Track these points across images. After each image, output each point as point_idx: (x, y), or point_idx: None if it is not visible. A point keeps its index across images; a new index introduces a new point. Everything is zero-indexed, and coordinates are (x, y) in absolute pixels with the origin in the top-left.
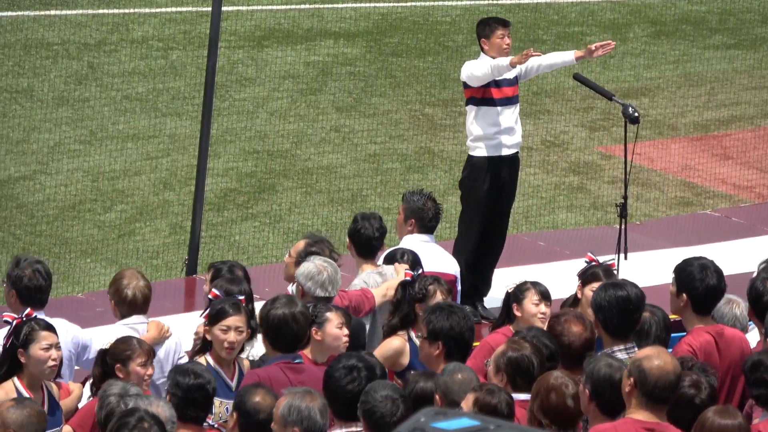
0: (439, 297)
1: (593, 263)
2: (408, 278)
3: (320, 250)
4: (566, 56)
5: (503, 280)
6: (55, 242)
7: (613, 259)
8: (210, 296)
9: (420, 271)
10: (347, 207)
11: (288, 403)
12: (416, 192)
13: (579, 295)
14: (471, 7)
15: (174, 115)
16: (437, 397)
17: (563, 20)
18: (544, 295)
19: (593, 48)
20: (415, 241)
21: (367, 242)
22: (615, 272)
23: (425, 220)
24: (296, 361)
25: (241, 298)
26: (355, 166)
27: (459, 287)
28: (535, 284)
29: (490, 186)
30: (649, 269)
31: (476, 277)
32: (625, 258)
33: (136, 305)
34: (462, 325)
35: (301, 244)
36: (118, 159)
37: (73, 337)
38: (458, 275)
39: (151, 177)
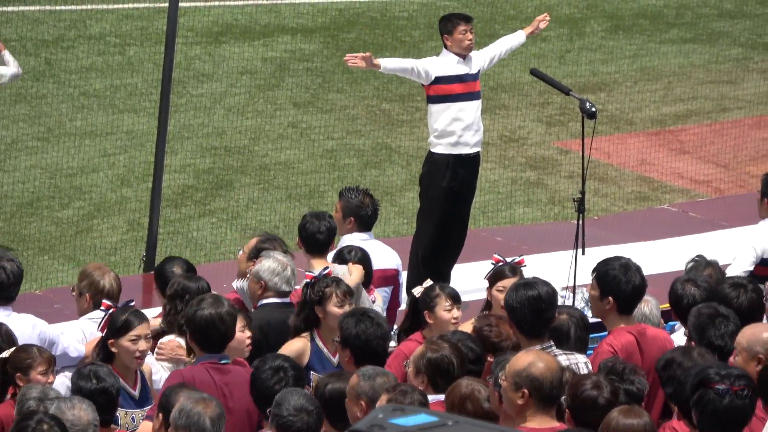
0: (334, 300)
1: (499, 264)
2: (308, 280)
3: (272, 247)
4: (518, 37)
5: (461, 275)
6: (13, 239)
7: (522, 257)
8: (103, 307)
9: (326, 271)
10: (305, 203)
11: (179, 407)
12: (353, 189)
13: (489, 297)
14: (428, 3)
15: (131, 111)
16: (362, 403)
17: (520, 15)
18: (455, 299)
19: (540, 21)
20: (354, 241)
21: (311, 237)
22: (523, 269)
23: (363, 217)
24: (222, 361)
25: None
26: (313, 162)
27: (402, 281)
28: (443, 288)
29: (450, 184)
30: None
31: (434, 274)
32: (583, 253)
33: (113, 295)
34: (369, 333)
35: (253, 242)
36: (76, 156)
37: (40, 332)
38: (400, 269)
39: (109, 174)
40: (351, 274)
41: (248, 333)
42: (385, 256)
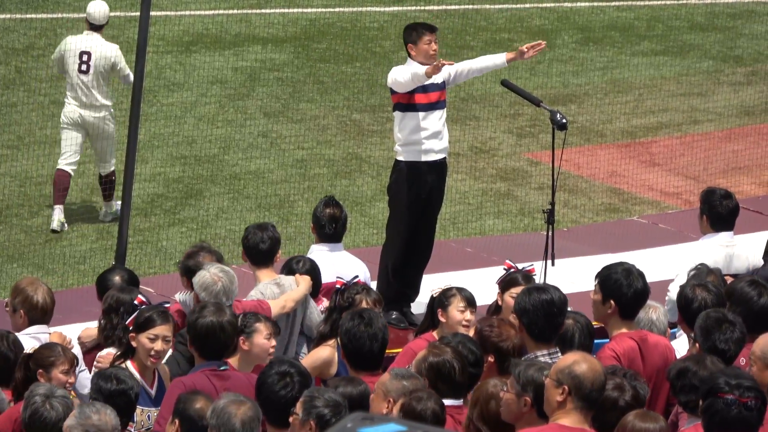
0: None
1: (512, 270)
2: (339, 286)
3: (195, 263)
4: (497, 59)
5: (431, 286)
6: None
7: (532, 266)
8: (136, 302)
9: (356, 279)
10: (275, 212)
11: (213, 405)
12: (325, 199)
13: (500, 302)
14: (399, 13)
15: None
16: (391, 400)
17: (491, 26)
18: (470, 302)
19: (524, 49)
20: (320, 251)
21: (254, 248)
22: (534, 277)
23: (321, 227)
24: (221, 368)
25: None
26: (283, 172)
27: None
28: (460, 290)
29: (417, 191)
30: (577, 275)
31: (404, 283)
32: (553, 264)
33: (47, 309)
34: (356, 332)
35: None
36: (46, 164)
37: None
38: (369, 282)
39: (79, 182)
40: (298, 285)
41: (273, 342)
42: (351, 268)
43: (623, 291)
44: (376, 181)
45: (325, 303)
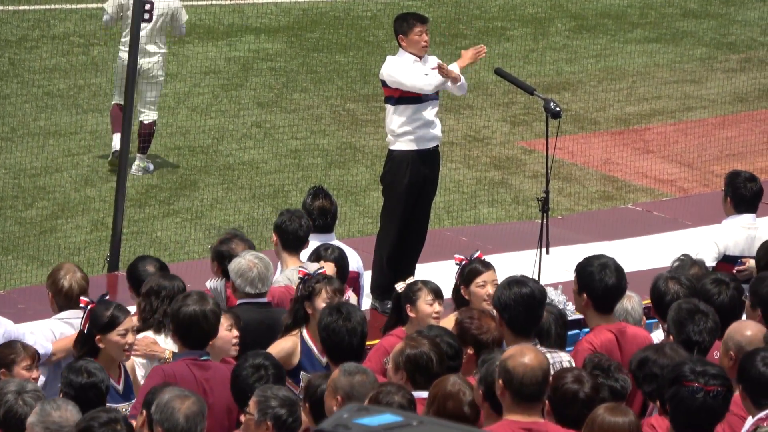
0: (324, 296)
1: (464, 262)
2: (301, 276)
3: (228, 249)
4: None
5: (426, 275)
6: None
7: (479, 251)
8: (81, 304)
9: (320, 270)
10: (269, 203)
11: (158, 400)
12: (314, 189)
13: (467, 296)
14: (392, 2)
15: (95, 111)
16: (339, 398)
17: (485, 15)
18: (437, 294)
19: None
20: (311, 243)
21: (293, 233)
22: (485, 259)
23: (311, 220)
24: (203, 357)
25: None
26: (277, 162)
27: (362, 283)
28: (426, 283)
29: (411, 180)
30: (571, 264)
31: (398, 272)
32: (547, 253)
33: (72, 296)
34: (335, 326)
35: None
36: (39, 156)
37: (5, 331)
38: (361, 271)
39: (73, 173)
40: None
41: (235, 332)
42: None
43: (594, 285)
44: (370, 170)
45: (350, 293)
